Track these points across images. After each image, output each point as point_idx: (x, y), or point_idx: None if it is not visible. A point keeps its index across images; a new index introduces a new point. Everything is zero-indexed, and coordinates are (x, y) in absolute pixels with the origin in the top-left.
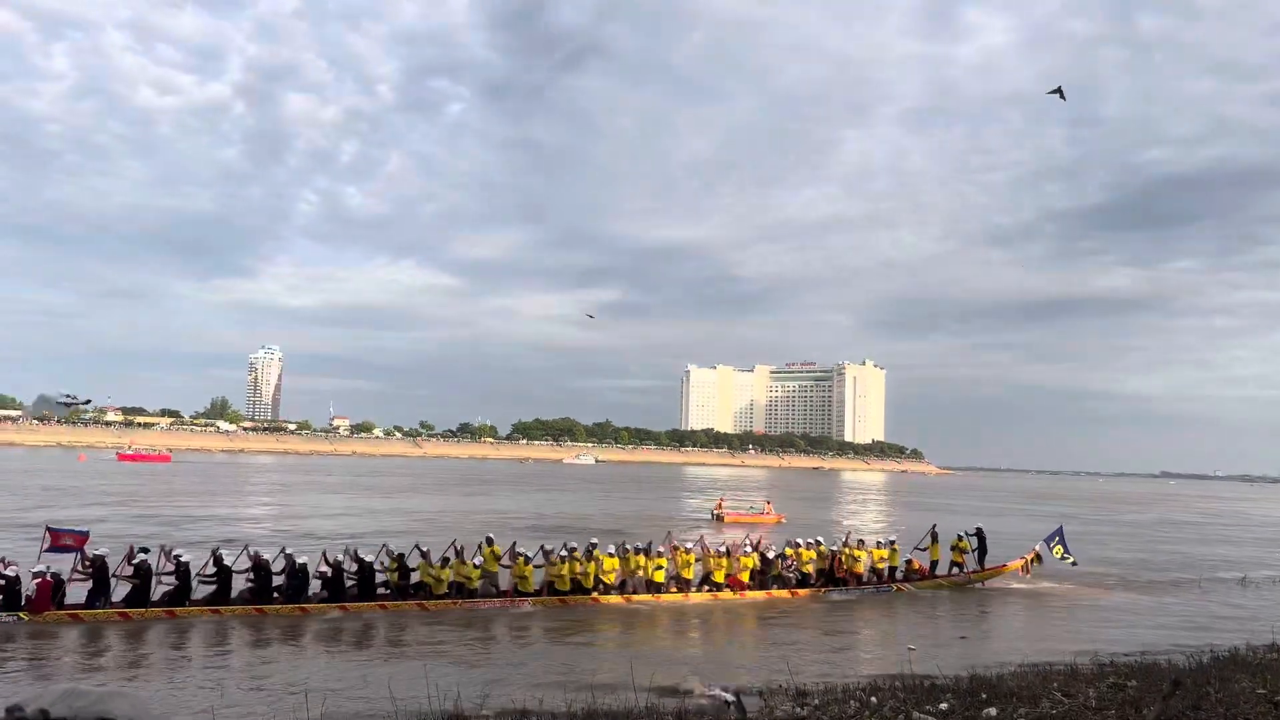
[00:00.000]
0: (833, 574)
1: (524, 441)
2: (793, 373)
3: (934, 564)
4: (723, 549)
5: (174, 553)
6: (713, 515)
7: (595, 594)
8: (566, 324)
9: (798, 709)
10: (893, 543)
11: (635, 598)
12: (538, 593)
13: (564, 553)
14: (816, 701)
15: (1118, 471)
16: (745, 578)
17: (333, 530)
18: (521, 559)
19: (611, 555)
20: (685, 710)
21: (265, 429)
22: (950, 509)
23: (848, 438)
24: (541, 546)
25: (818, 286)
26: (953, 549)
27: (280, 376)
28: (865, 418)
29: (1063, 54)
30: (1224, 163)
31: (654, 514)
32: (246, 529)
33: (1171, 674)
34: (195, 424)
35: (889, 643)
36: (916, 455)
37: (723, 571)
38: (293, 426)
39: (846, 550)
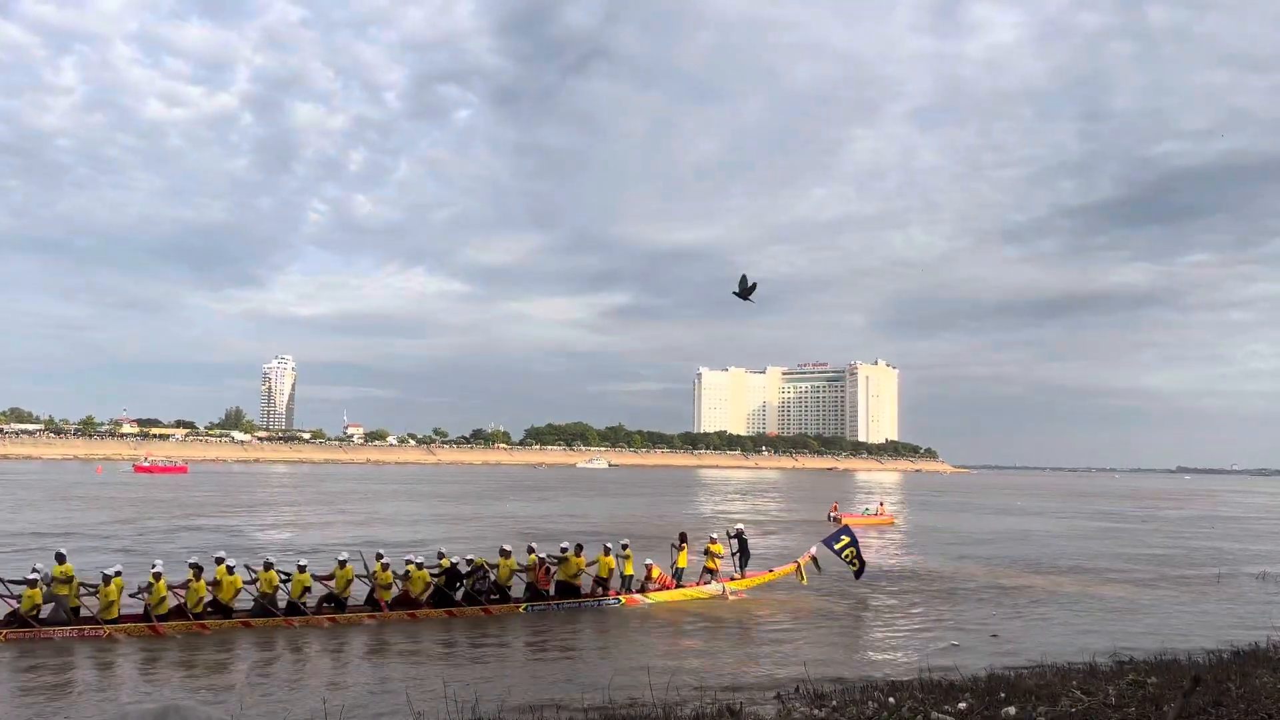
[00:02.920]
0: (561, 586)
1: (537, 447)
2: (805, 374)
3: (679, 571)
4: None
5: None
6: (829, 518)
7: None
8: (578, 329)
9: (815, 711)
10: (625, 547)
11: (261, 621)
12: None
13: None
14: (834, 703)
15: (1133, 467)
16: (417, 590)
17: (452, 537)
18: (156, 578)
19: (294, 571)
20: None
21: (279, 438)
22: (1007, 510)
23: (861, 438)
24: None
25: (829, 287)
26: (705, 554)
27: (294, 386)
28: (878, 418)
29: (1072, 48)
30: (1238, 155)
31: (727, 518)
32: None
33: (1192, 670)
34: (210, 434)
35: (911, 641)
36: (931, 454)
37: (389, 591)
38: (307, 435)
39: (566, 555)
